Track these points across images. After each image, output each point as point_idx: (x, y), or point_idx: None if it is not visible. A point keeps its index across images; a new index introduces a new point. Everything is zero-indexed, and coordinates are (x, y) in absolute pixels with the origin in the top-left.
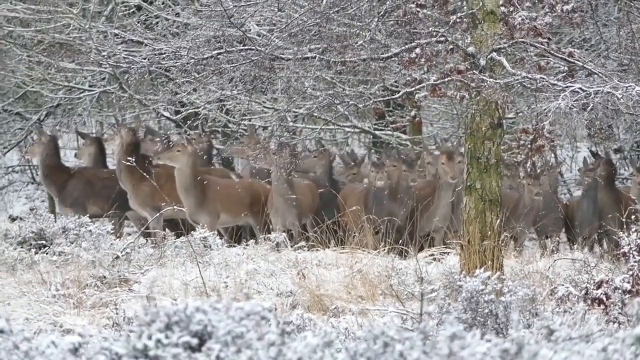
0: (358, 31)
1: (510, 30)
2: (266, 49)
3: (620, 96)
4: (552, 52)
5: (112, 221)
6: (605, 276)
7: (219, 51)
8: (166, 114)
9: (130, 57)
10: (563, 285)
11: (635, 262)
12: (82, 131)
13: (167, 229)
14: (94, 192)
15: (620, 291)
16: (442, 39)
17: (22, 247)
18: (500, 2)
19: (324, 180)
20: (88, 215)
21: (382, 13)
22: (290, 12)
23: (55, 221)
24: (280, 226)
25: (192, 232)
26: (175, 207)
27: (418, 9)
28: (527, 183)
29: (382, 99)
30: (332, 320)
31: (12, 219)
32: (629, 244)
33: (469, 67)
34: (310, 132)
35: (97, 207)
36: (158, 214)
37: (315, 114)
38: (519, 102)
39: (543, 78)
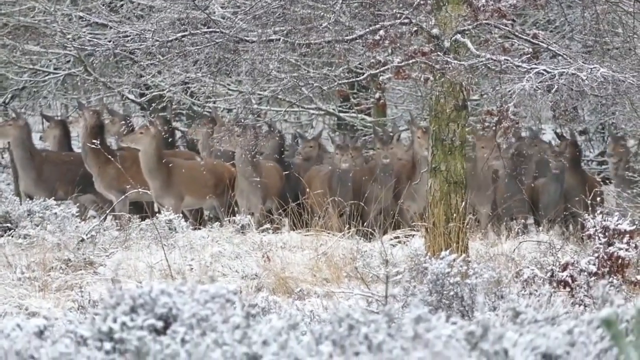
0: (322, 13)
1: (474, 11)
2: (230, 31)
3: (585, 78)
4: (516, 33)
5: (77, 204)
6: (571, 258)
7: (184, 34)
8: (131, 96)
9: (95, 39)
10: (528, 267)
11: (600, 244)
12: (47, 114)
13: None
14: (60, 175)
15: (586, 273)
16: (406, 20)
17: None
18: None
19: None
20: (54, 198)
21: None
22: None
23: (21, 204)
24: (245, 209)
25: (156, 214)
26: (140, 189)
27: None
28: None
29: (346, 81)
30: (297, 302)
31: None
32: (595, 226)
33: (433, 49)
34: (274, 114)
35: (62, 191)
36: (123, 197)
37: (279, 96)
38: (484, 84)
39: (507, 59)
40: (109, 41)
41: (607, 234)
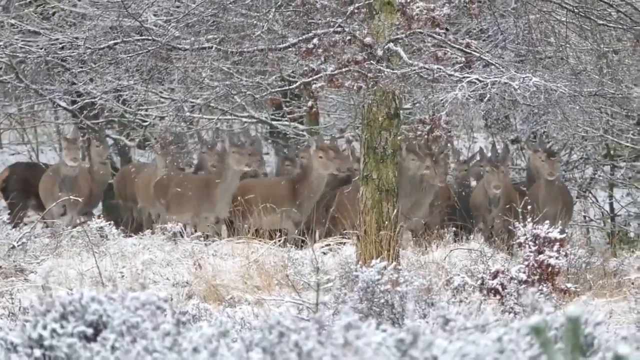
0: (255, 22)
1: (407, 20)
2: (163, 39)
3: (517, 87)
4: (449, 42)
5: (9, 211)
6: (502, 266)
7: (116, 41)
8: (63, 104)
9: (27, 47)
10: (459, 275)
11: (531, 252)
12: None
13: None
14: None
15: (516, 281)
16: (339, 29)
17: None
18: None
19: None
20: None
21: (279, 3)
22: (187, 3)
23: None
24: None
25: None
26: (71, 198)
27: (316, 0)
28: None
29: (279, 89)
30: (228, 310)
31: None
32: (525, 234)
33: (366, 57)
34: (207, 122)
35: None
36: (54, 204)
37: (212, 104)
38: (416, 93)
39: (440, 68)
40: (41, 48)
41: (537, 242)
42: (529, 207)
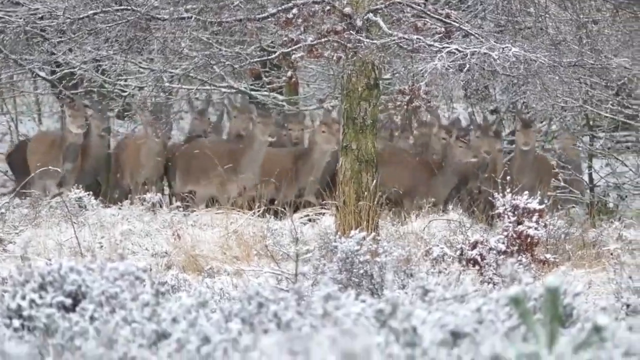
0: None
1: None
2: (142, 9)
3: (496, 57)
4: (428, 12)
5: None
6: (480, 237)
7: (95, 11)
8: (42, 74)
9: (6, 17)
10: (438, 246)
11: (510, 222)
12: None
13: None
14: None
15: (495, 252)
16: None
17: None
18: None
19: None
20: None
21: None
22: None
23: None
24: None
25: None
26: (50, 168)
27: None
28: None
29: (258, 59)
30: (207, 280)
31: None
32: (504, 205)
33: (345, 27)
34: (186, 92)
35: None
36: (31, 175)
37: (191, 74)
38: (396, 63)
39: (419, 39)
40: (20, 18)
41: (516, 212)
42: (508, 177)
